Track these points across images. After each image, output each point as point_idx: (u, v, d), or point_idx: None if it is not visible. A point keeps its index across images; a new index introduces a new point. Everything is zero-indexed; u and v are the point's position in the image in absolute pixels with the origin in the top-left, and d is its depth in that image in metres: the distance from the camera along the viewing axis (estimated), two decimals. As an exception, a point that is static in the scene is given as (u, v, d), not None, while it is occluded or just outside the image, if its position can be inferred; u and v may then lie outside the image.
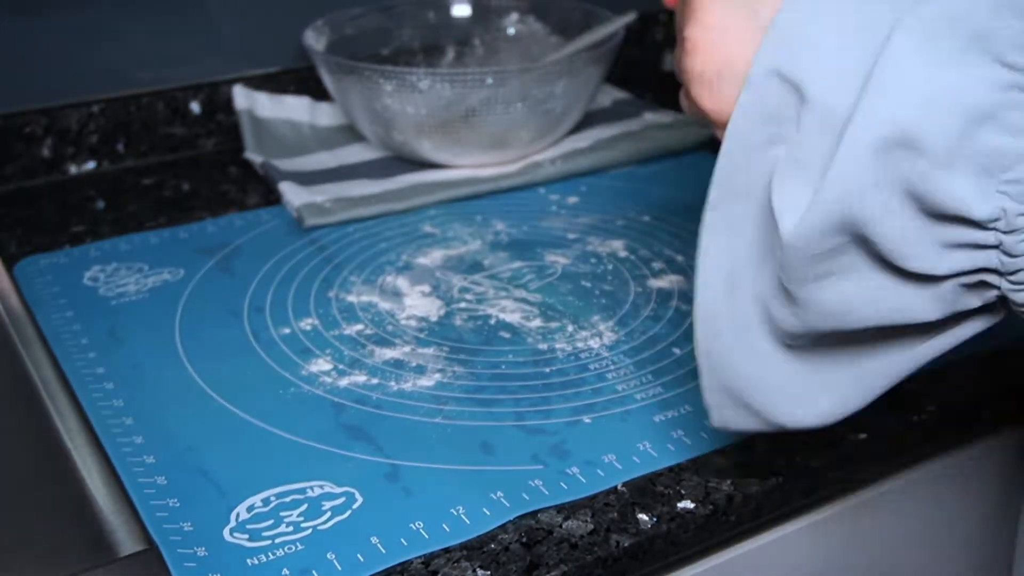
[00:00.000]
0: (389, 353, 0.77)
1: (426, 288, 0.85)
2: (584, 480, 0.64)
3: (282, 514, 0.62)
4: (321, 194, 0.98)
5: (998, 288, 0.48)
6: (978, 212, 0.45)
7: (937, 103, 0.44)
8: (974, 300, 0.49)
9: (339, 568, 0.58)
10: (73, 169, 1.07)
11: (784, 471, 0.65)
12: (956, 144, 0.44)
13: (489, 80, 0.97)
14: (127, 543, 0.61)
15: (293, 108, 1.13)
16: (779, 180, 0.49)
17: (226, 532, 0.61)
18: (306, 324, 0.80)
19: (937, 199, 0.45)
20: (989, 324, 0.51)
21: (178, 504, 0.62)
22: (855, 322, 0.50)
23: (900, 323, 0.50)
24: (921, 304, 0.49)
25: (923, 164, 0.45)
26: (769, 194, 0.50)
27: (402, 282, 0.86)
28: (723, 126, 0.52)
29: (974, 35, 0.45)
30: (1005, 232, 0.45)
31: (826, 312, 0.50)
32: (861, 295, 0.49)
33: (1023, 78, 0.44)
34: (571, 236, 0.93)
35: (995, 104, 0.44)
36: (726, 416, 0.57)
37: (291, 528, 0.61)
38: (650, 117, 1.14)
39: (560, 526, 0.61)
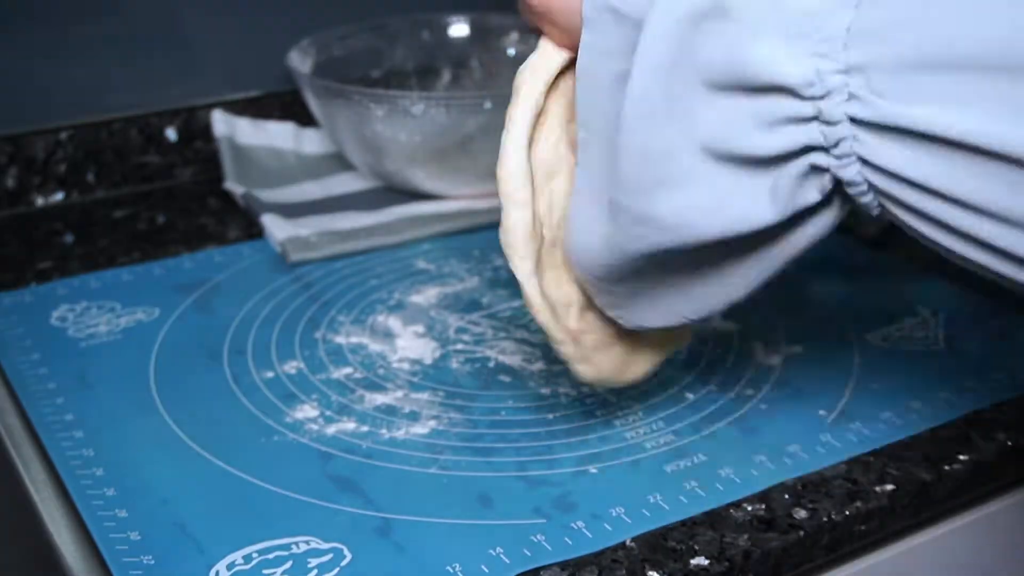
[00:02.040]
0: (380, 398, 0.78)
1: (420, 328, 0.86)
2: (590, 535, 0.65)
3: (265, 572, 0.62)
4: (307, 227, 0.99)
5: (828, 170, 0.49)
6: (792, 76, 0.46)
7: None
8: (812, 193, 0.50)
9: (326, 630, 0.59)
10: (39, 201, 1.08)
11: (806, 525, 0.66)
12: (765, 6, 0.46)
13: (488, 104, 0.98)
14: (98, 603, 0.62)
15: (277, 135, 1.14)
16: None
17: (205, 591, 0.61)
18: (291, 367, 0.81)
19: (748, 68, 0.47)
20: (828, 225, 0.52)
21: (153, 561, 0.63)
22: (696, 235, 0.52)
23: (742, 232, 0.51)
24: (759, 205, 0.50)
25: (732, 30, 0.47)
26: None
27: (394, 322, 0.87)
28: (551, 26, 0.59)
29: None
30: (821, 97, 0.46)
31: (666, 226, 0.52)
32: (698, 202, 0.51)
33: None
34: (576, 272, 0.94)
35: None
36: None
37: (275, 587, 0.62)
38: (661, 144, 1.15)
39: (564, 584, 0.62)
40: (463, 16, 1.19)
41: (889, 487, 0.69)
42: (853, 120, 0.46)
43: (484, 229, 1.02)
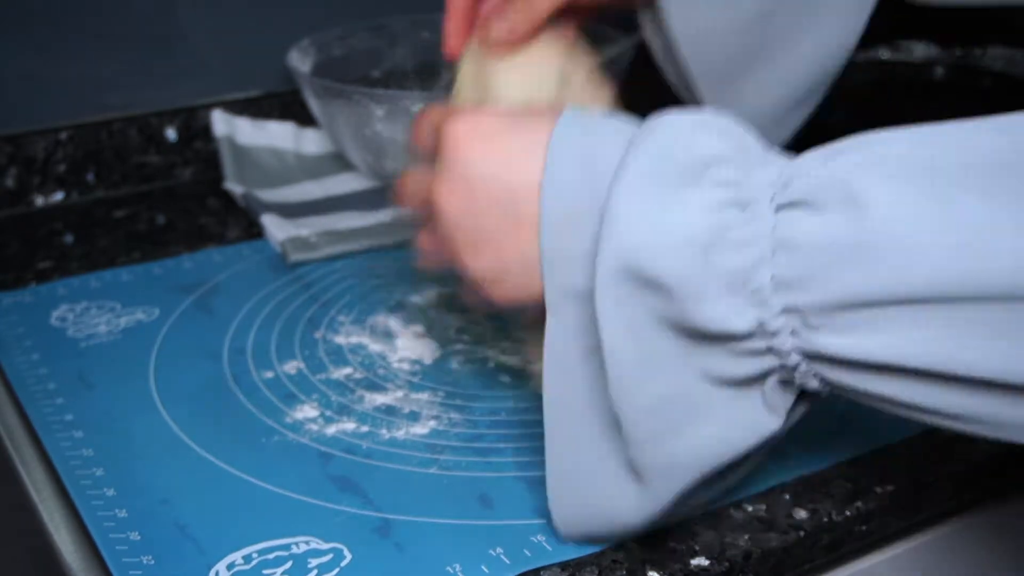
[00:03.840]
0: (380, 399, 0.78)
1: (420, 328, 0.86)
2: (590, 535, 0.65)
3: (265, 572, 0.62)
4: (307, 227, 0.99)
5: (794, 382, 0.53)
6: (740, 328, 0.51)
7: (667, 244, 0.51)
8: (790, 395, 0.55)
9: (326, 630, 0.59)
10: (39, 201, 1.08)
11: (806, 525, 0.66)
12: (698, 276, 0.51)
13: (488, 105, 0.98)
14: (98, 604, 0.62)
15: (277, 135, 1.14)
16: None
17: (205, 591, 0.61)
18: (291, 367, 0.81)
19: (699, 327, 0.52)
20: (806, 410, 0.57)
21: (153, 562, 0.63)
22: (711, 465, 0.55)
23: (753, 445, 0.55)
24: (761, 416, 0.54)
25: (675, 301, 0.51)
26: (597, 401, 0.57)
27: (394, 322, 0.87)
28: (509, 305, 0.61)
29: (683, 168, 0.52)
30: (771, 335, 0.51)
31: (691, 463, 0.55)
32: (714, 431, 0.54)
33: (732, 191, 0.51)
34: (576, 272, 0.94)
35: (716, 227, 0.51)
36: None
37: (275, 587, 0.62)
38: (661, 144, 1.15)
39: (564, 585, 0.62)
40: (463, 16, 1.19)
41: (889, 487, 0.69)
42: (802, 352, 0.51)
43: (484, 229, 1.02)
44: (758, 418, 0.54)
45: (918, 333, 0.47)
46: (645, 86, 1.37)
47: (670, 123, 0.54)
